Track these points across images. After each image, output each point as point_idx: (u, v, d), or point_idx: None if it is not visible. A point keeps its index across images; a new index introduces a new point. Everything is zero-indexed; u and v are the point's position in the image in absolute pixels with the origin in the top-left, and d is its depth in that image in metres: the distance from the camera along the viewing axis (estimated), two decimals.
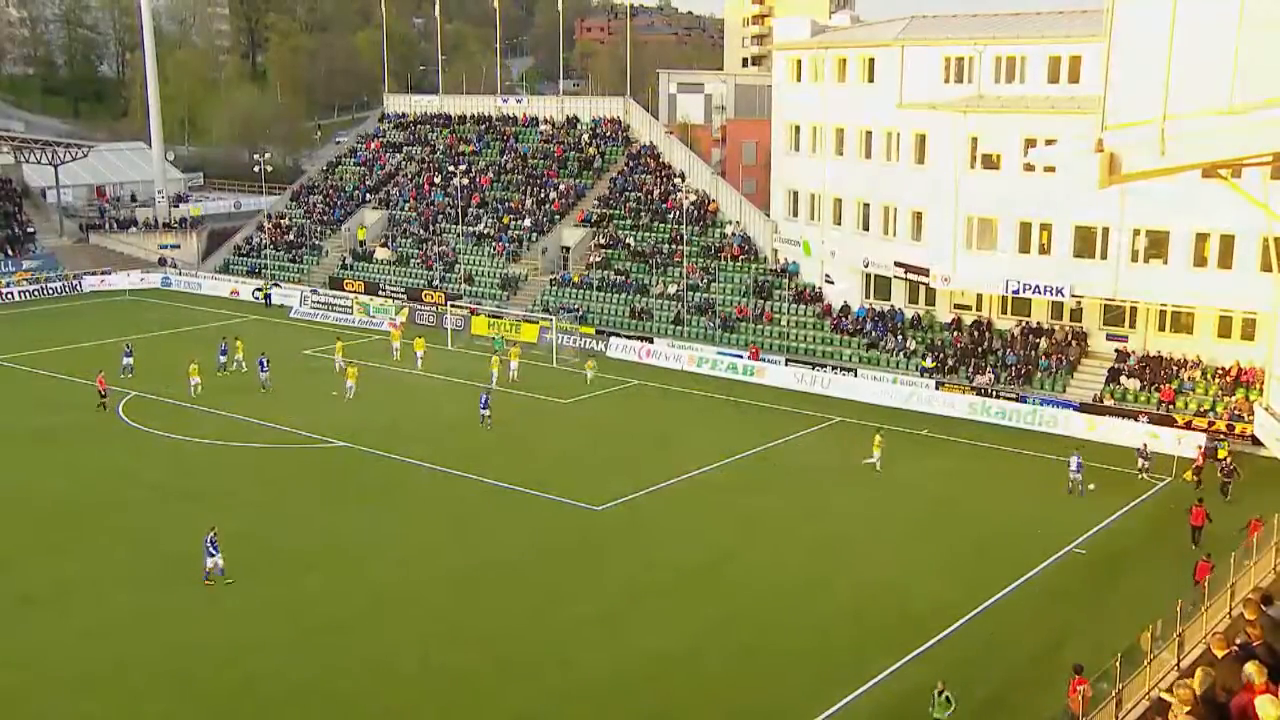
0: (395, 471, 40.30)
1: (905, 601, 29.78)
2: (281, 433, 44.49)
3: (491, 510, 36.55)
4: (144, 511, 36.12)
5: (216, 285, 78.25)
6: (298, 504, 35.80)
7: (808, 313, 58.30)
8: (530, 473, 39.67)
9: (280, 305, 72.59)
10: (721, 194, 67.56)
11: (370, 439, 43.39)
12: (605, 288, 65.09)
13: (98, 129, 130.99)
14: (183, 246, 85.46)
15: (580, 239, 69.67)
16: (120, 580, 30.83)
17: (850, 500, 37.59)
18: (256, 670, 26.23)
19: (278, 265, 78.54)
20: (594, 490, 37.77)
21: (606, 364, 57.12)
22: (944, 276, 50.53)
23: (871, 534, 34.64)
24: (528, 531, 34.68)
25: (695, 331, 59.70)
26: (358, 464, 41.15)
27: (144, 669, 26.13)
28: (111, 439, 43.75)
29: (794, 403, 49.85)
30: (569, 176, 74.72)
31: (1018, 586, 30.66)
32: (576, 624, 28.61)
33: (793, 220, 60.70)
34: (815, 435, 45.46)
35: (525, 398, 48.87)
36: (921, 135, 50.66)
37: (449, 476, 39.63)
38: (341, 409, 47.65)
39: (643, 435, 44.25)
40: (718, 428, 46.14)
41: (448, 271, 71.16)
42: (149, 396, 49.53)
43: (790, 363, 54.17)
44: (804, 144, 58.68)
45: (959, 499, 37.31)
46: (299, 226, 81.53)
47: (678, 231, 65.48)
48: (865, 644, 27.56)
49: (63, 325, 66.86)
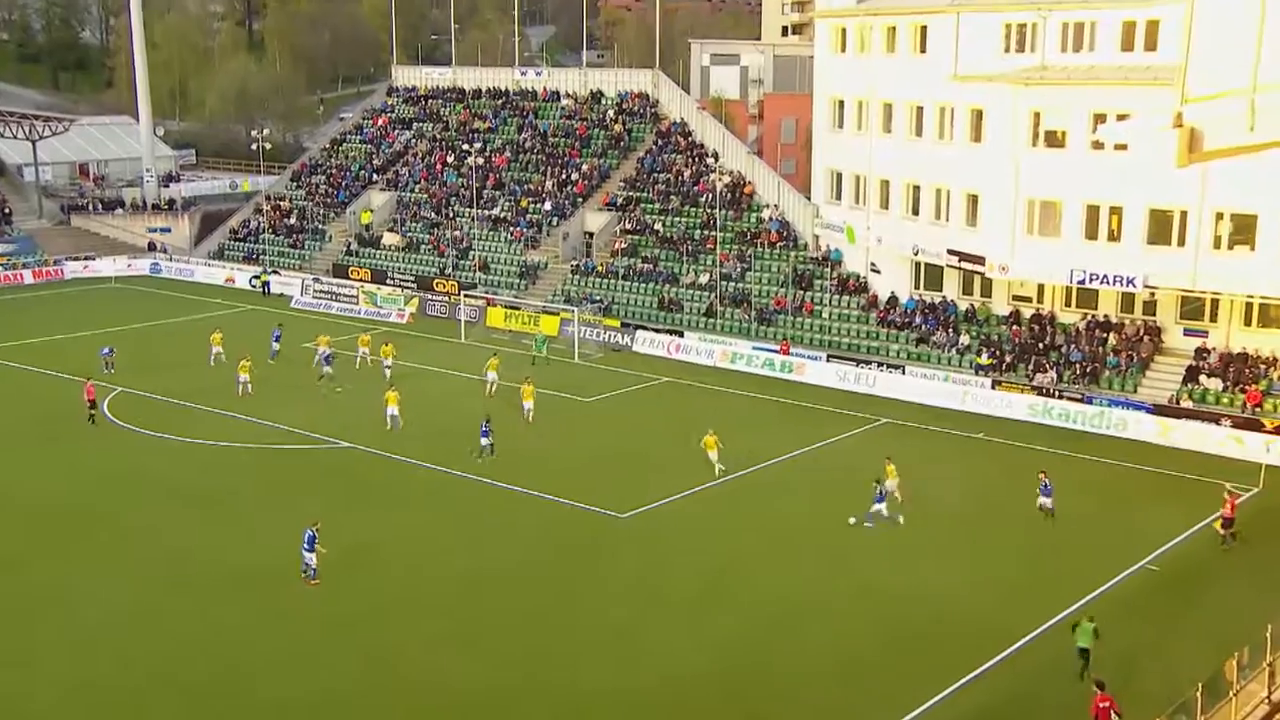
0: (403, 474, 40.47)
1: (954, 621, 29.67)
2: (282, 433, 44.74)
3: (506, 516, 36.67)
4: (135, 516, 36.44)
5: (210, 272, 78.79)
6: (301, 508, 35.86)
7: (851, 304, 58.15)
8: (549, 476, 39.76)
9: (280, 294, 73.00)
10: (758, 175, 67.42)
11: (377, 439, 43.62)
12: (631, 277, 65.07)
13: (80, 101, 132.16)
14: (173, 230, 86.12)
15: (604, 224, 69.67)
16: (116, 587, 31.26)
17: (891, 506, 37.32)
18: (255, 676, 26.55)
19: (277, 251, 78.95)
20: (617, 495, 37.85)
21: (633, 359, 57.21)
22: (1002, 265, 50.27)
23: (919, 546, 34.50)
24: (545, 540, 34.79)
25: (729, 325, 59.63)
26: (363, 466, 41.37)
27: (145, 671, 26.69)
28: (96, 440, 44.10)
29: (836, 402, 49.77)
30: (592, 156, 74.72)
31: (1081, 605, 30.42)
32: (593, 638, 28.72)
33: (835, 204, 60.51)
34: (858, 438, 45.33)
35: (545, 395, 48.79)
36: (978, 111, 50.36)
37: (461, 480, 39.74)
38: (346, 408, 47.89)
39: (671, 436, 44.23)
40: (752, 429, 46.06)
41: (461, 259, 71.32)
42: (136, 393, 49.89)
43: (832, 359, 54.07)
44: (848, 120, 58.48)
45: (1017, 509, 37.10)
46: (300, 209, 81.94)
47: (710, 216, 65.41)
48: (907, 667, 27.44)
49: (42, 315, 67.42)
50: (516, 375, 52.77)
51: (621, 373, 54.68)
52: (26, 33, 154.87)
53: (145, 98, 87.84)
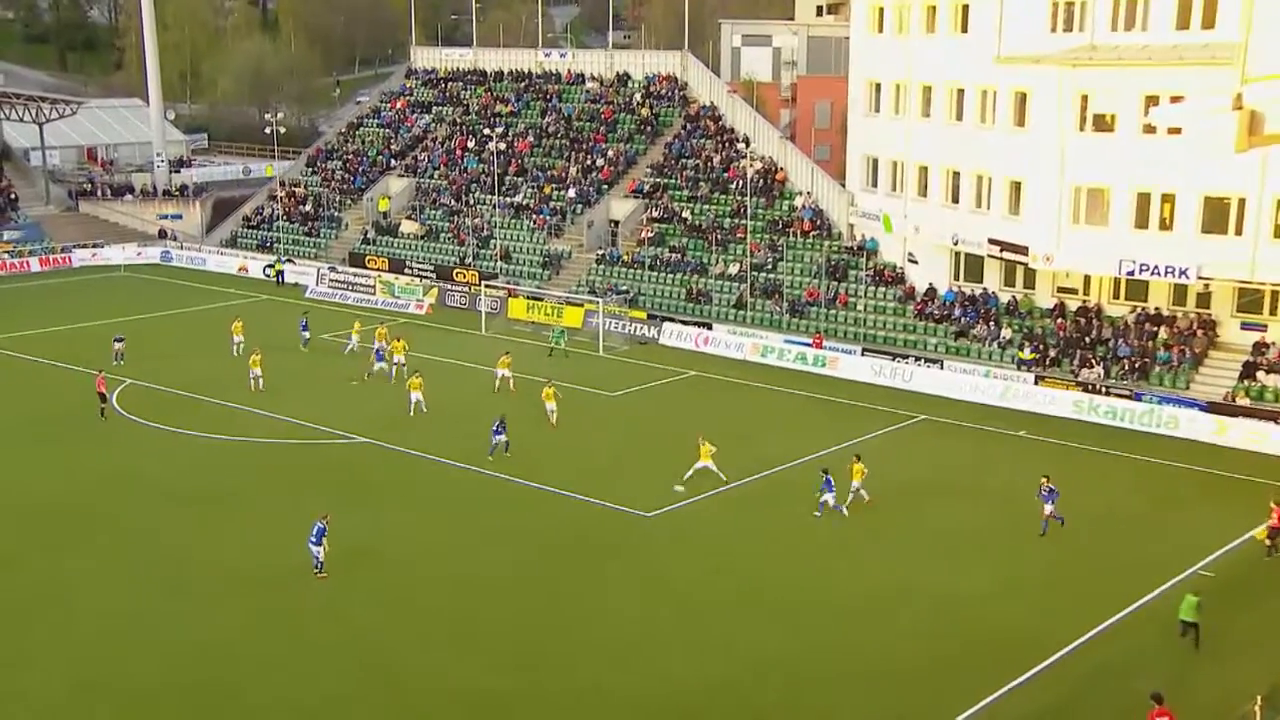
0: (419, 471, 40.58)
1: (996, 627, 29.49)
2: (296, 427, 44.94)
3: (527, 515, 36.69)
4: (142, 515, 36.66)
5: (223, 261, 79.22)
6: (312, 505, 36.01)
7: (888, 296, 57.99)
8: (571, 474, 39.79)
9: (294, 284, 73.29)
10: (791, 161, 67.26)
11: (393, 434, 43.72)
12: (658, 267, 65.05)
13: (88, 83, 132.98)
14: (185, 217, 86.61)
15: (631, 212, 69.64)
16: (119, 585, 31.46)
17: (932, 510, 37.34)
18: (260, 679, 26.66)
19: (291, 239, 79.30)
20: (643, 494, 37.84)
21: (659, 353, 57.17)
22: (1046, 255, 49.96)
23: (956, 549, 34.37)
24: (567, 539, 34.78)
25: (759, 317, 59.56)
26: (378, 462, 41.50)
27: (142, 673, 26.81)
28: (107, 434, 44.38)
29: (871, 398, 49.67)
30: (618, 141, 74.68)
31: (1129, 613, 30.20)
32: (619, 644, 28.68)
33: (871, 191, 60.32)
34: (894, 435, 45.18)
35: (568, 390, 48.81)
36: (1022, 93, 50.06)
37: (480, 477, 39.81)
38: (363, 401, 48.09)
39: (699, 433, 44.11)
40: (784, 426, 45.99)
41: (482, 247, 71.43)
42: (147, 386, 50.20)
43: (867, 353, 53.99)
44: (885, 104, 58.27)
45: (1062, 510, 36.83)
46: (315, 196, 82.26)
47: (741, 204, 65.30)
48: (947, 676, 27.29)
49: (50, 305, 67.91)
50: (536, 369, 52.88)
51: (648, 366, 54.66)
52: (33, 12, 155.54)
53: (156, 80, 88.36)
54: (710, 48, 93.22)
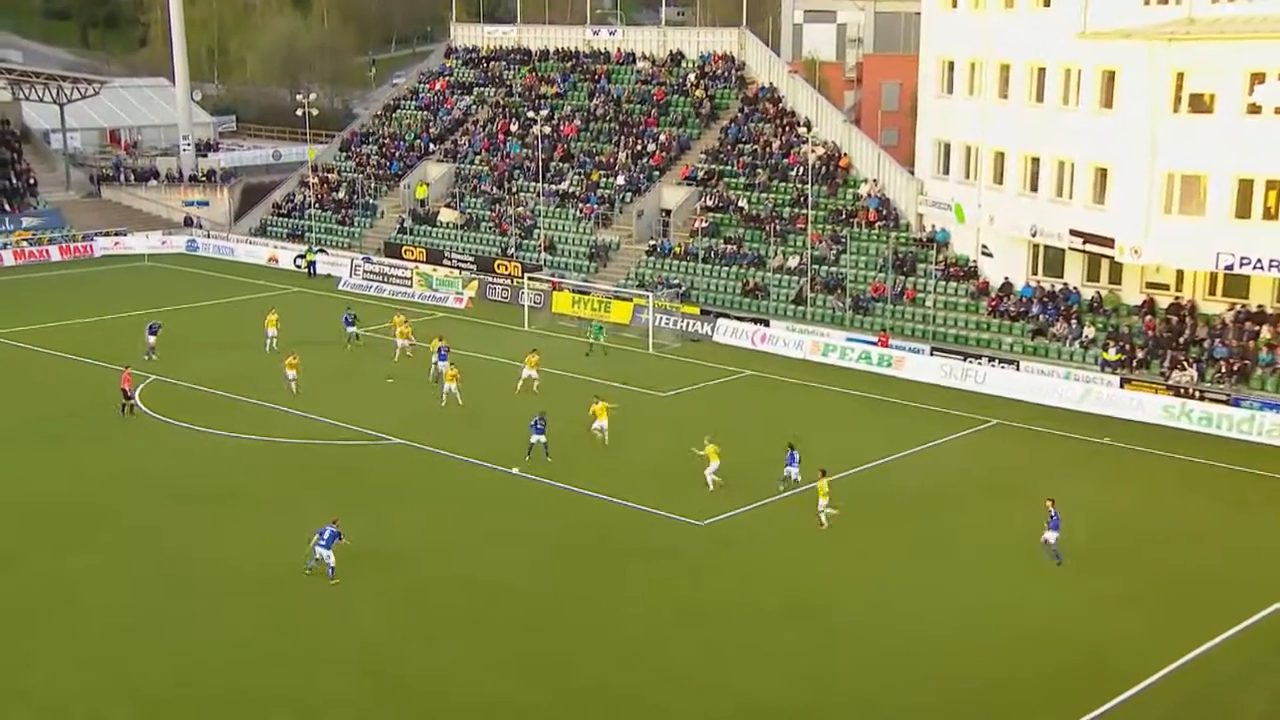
0: (456, 473, 40.66)
1: (1074, 654, 29.01)
2: (328, 427, 45.10)
3: (570, 523, 36.65)
4: (161, 517, 36.93)
5: (252, 250, 79.89)
6: (343, 509, 36.11)
7: (959, 292, 57.58)
8: (617, 478, 39.71)
9: (326, 275, 73.76)
10: (855, 146, 66.88)
11: (430, 435, 43.75)
12: (712, 259, 64.87)
13: (111, 61, 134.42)
14: (212, 204, 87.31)
15: (684, 200, 69.48)
16: (129, 586, 31.79)
17: (1007, 523, 36.81)
18: (259, 684, 26.77)
19: (324, 228, 79.73)
20: (695, 501, 37.73)
21: (713, 350, 56.95)
22: (1134, 248, 49.38)
23: (1032, 566, 33.86)
24: (615, 549, 34.74)
25: (820, 313, 59.29)
26: (412, 463, 41.63)
27: (151, 676, 27.15)
28: (128, 433, 44.72)
29: (940, 400, 49.39)
30: (671, 125, 74.52)
31: (1226, 639, 29.69)
32: (669, 663, 28.54)
33: (943, 178, 59.88)
34: (965, 441, 44.87)
35: (617, 390, 48.71)
36: (1110, 72, 49.42)
37: (521, 482, 39.79)
38: (399, 399, 48.29)
39: (755, 437, 43.94)
40: (845, 430, 45.76)
41: (525, 238, 71.50)
42: (171, 382, 50.57)
43: (936, 352, 53.74)
44: (959, 84, 57.84)
45: (1147, 525, 36.45)
46: (349, 182, 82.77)
47: (801, 192, 64.96)
48: (1031, 704, 26.91)
49: (70, 295, 68.68)
50: (576, 366, 52.77)
51: (700, 365, 54.49)
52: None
53: (182, 58, 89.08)
54: (770, 24, 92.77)
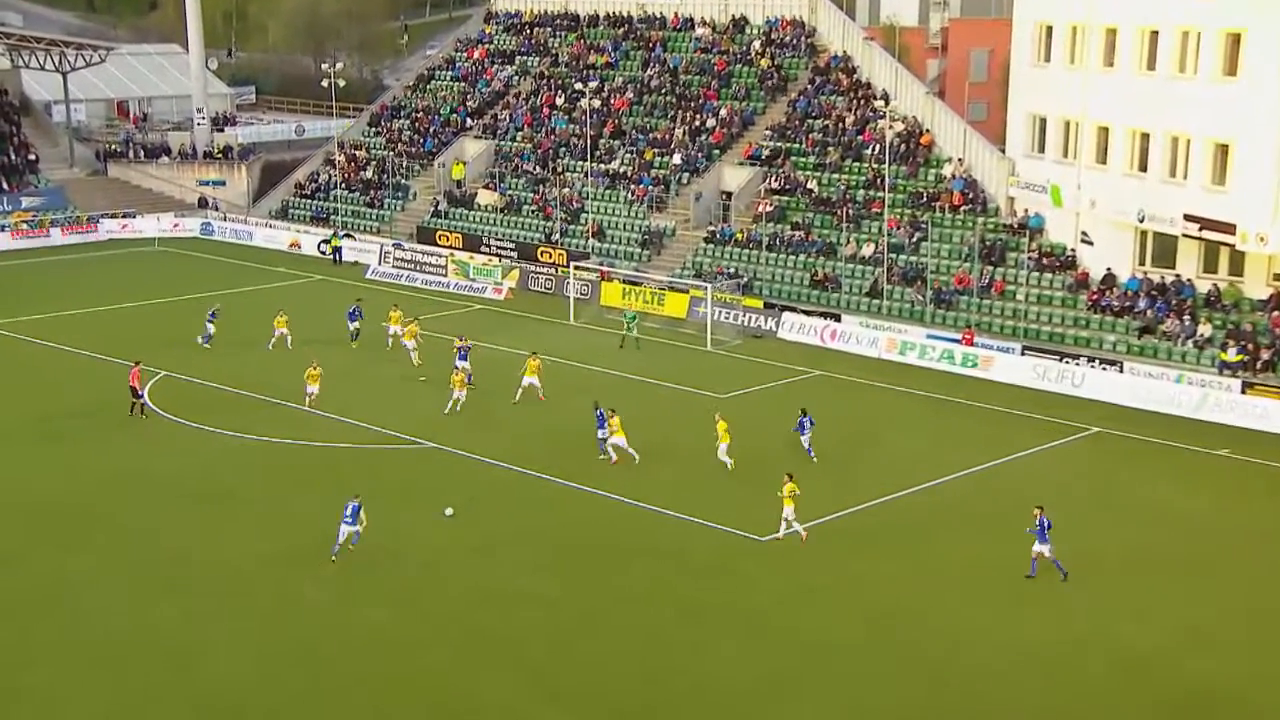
0: (493, 481, 41.02)
1: (1179, 692, 28.82)
2: (353, 429, 45.65)
3: (620, 537, 36.83)
4: (168, 524, 37.48)
5: (272, 235, 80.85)
6: (372, 521, 36.84)
7: (1054, 284, 57.49)
8: (672, 488, 39.79)
9: (354, 263, 74.57)
10: (939, 122, 66.87)
11: (467, 439, 44.07)
12: (778, 247, 65.07)
13: (118, 26, 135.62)
14: (229, 183, 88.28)
15: (746, 182, 69.73)
16: (133, 591, 32.42)
17: (1106, 542, 36.66)
18: None
19: (351, 211, 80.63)
20: (755, 513, 37.60)
21: (777, 348, 57.20)
22: (1259, 235, 49.20)
23: (1139, 590, 33.74)
24: (669, 567, 34.79)
25: (898, 307, 59.44)
26: (447, 470, 42.04)
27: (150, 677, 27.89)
28: (134, 434, 45.44)
29: (1032, 405, 49.29)
30: (733, 98, 74.75)
31: None
32: (731, 693, 28.51)
33: (1037, 157, 59.78)
34: (1059, 451, 44.72)
35: (668, 390, 48.99)
36: (1235, 35, 49.19)
37: (565, 490, 40.12)
38: (429, 400, 48.65)
39: (824, 444, 44.04)
40: (925, 437, 45.80)
41: (571, 222, 71.96)
42: (183, 378, 51.37)
43: (1028, 351, 53.63)
44: (1058, 51, 57.65)
45: (1271, 549, 36.02)
46: (379, 161, 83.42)
47: (877, 173, 65.04)
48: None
49: (73, 282, 69.75)
50: (624, 365, 52.92)
51: (763, 364, 54.70)
52: None
53: (196, 23, 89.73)
54: None
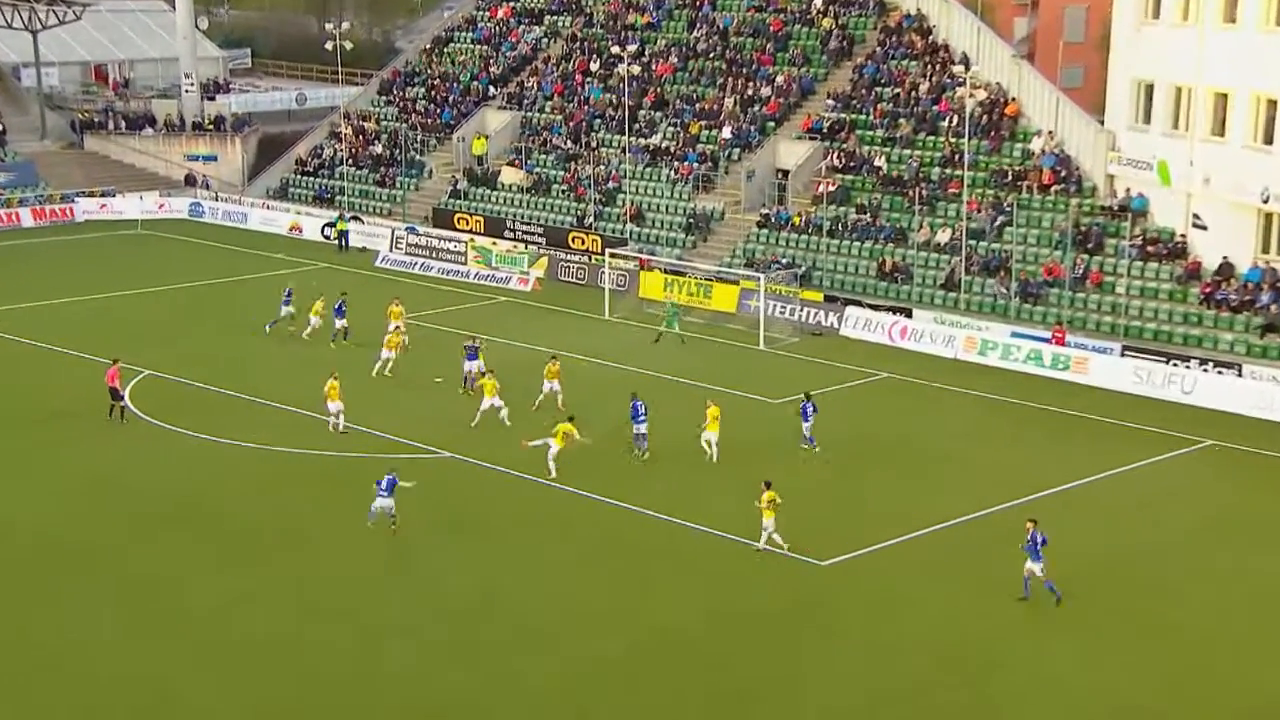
0: (521, 496, 41.19)
1: None
2: (360, 436, 45.81)
3: (665, 561, 36.84)
4: (150, 563, 37.36)
5: (270, 217, 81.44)
6: (380, 541, 37.27)
7: (1161, 274, 57.30)
8: (722, 508, 39.60)
9: (361, 249, 74.95)
10: (1027, 89, 66.75)
11: (487, 449, 44.15)
12: (841, 233, 65.09)
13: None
14: (221, 159, 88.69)
15: (805, 158, 69.80)
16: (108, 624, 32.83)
17: (1226, 577, 36.13)
18: None
19: (359, 191, 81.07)
20: (815, 535, 37.59)
21: (840, 346, 57.26)
22: None
23: (1262, 628, 33.42)
24: (719, 595, 34.78)
25: (978, 301, 59.53)
26: (467, 483, 42.31)
27: None
28: (112, 440, 45.79)
29: (1134, 413, 49.10)
30: (791, 64, 74.85)
31: None
32: None
33: (1142, 129, 59.50)
34: (1167, 467, 44.48)
35: (720, 395, 48.93)
36: None
37: (602, 508, 40.35)
38: (447, 404, 48.90)
39: (892, 456, 44.17)
40: (1009, 448, 45.67)
41: (606, 204, 72.26)
42: (170, 379, 51.82)
43: (1129, 352, 53.46)
44: (1169, 6, 57.26)
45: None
46: (390, 134, 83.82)
47: (956, 148, 64.87)
48: None
49: (44, 269, 70.49)
50: (661, 364, 53.24)
51: (823, 365, 54.73)
52: None
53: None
54: None
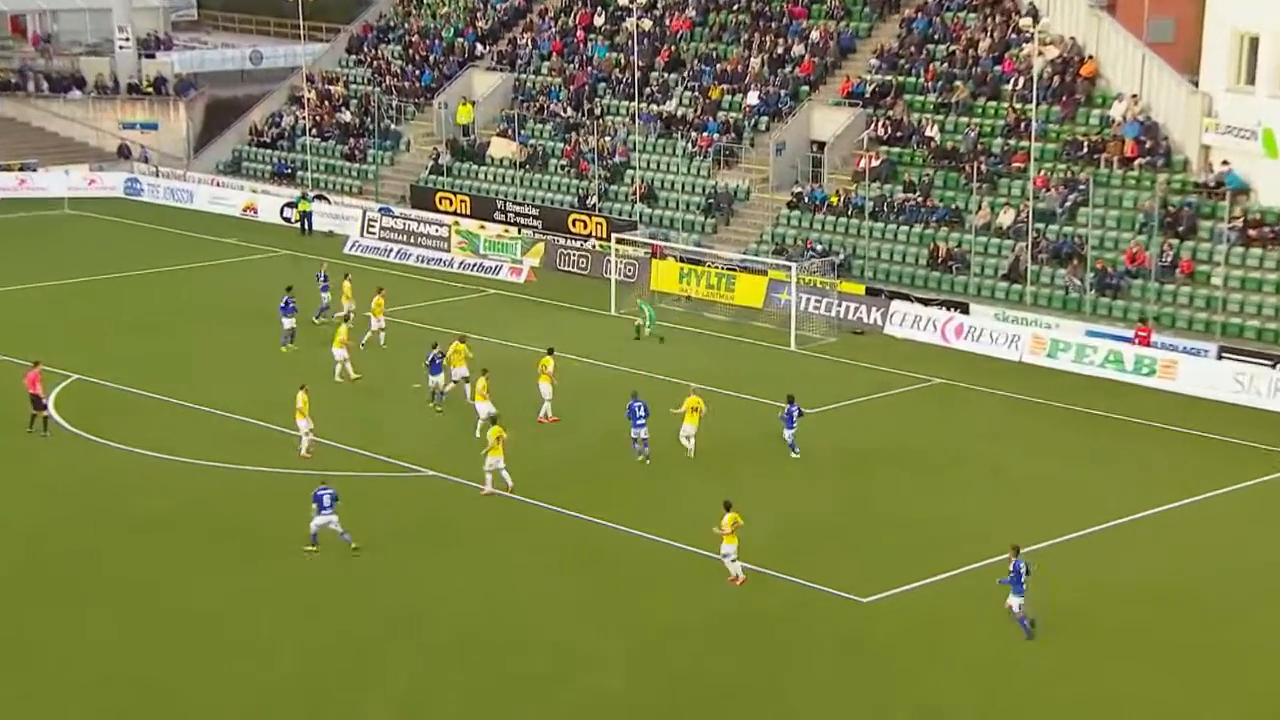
0: (521, 524, 41.07)
1: None
2: (324, 450, 45.50)
3: (688, 596, 36.78)
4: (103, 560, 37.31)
5: (220, 196, 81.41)
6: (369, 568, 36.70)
7: (1266, 263, 57.08)
8: (753, 536, 39.09)
9: (327, 233, 74.89)
10: (1105, 45, 66.54)
11: (475, 468, 43.73)
12: (886, 215, 65.02)
13: None
14: (162, 126, 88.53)
15: (844, 128, 69.73)
16: None
17: None
18: None
19: (324, 165, 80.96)
20: (856, 569, 37.89)
21: (884, 347, 57.21)
22: None
23: None
24: (751, 635, 34.77)
25: (1046, 295, 59.39)
26: (453, 506, 42.33)
27: None
28: (32, 456, 45.62)
29: (1231, 426, 49.02)
30: (828, 17, 74.77)
31: None
32: None
33: (1244, 91, 59.27)
34: (1270, 490, 44.24)
35: (741, 402, 48.50)
36: None
37: (614, 534, 40.31)
38: (435, 416, 49.06)
39: (948, 475, 44.05)
40: (1084, 467, 45.49)
41: (613, 182, 72.10)
42: (100, 384, 51.73)
43: (1226, 355, 53.44)
44: None
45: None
46: (361, 99, 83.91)
47: (1021, 115, 64.60)
48: None
49: None
50: (645, 361, 52.54)
51: (865, 369, 54.68)
52: None
53: None
54: None
